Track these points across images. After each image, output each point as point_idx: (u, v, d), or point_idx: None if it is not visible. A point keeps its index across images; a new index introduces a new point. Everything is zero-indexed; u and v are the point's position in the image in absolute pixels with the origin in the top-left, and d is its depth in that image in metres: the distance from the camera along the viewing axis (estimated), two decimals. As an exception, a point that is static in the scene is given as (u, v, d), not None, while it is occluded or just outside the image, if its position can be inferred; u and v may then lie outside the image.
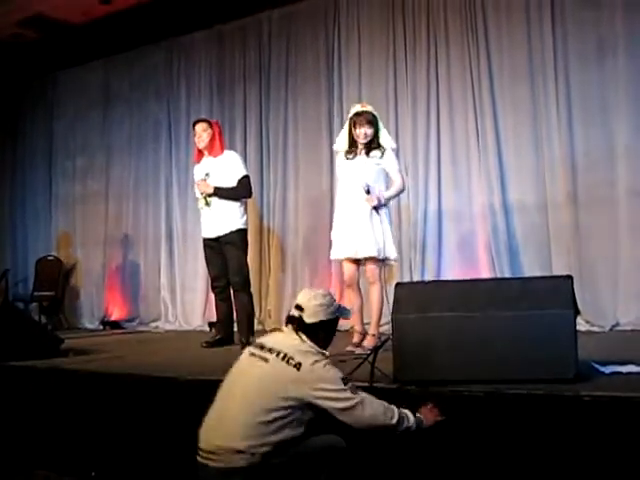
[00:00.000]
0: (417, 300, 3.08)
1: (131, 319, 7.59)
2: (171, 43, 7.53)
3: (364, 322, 4.37)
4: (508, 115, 5.57)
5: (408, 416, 2.47)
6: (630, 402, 2.52)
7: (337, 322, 2.67)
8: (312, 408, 2.40)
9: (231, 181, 4.96)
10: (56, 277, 7.85)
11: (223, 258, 4.99)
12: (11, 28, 7.55)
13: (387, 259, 4.29)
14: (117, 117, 7.96)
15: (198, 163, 5.16)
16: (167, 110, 7.53)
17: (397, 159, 4.47)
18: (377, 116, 4.34)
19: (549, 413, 2.63)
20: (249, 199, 5.28)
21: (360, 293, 4.36)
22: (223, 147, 5.12)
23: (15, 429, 4.13)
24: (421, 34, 5.99)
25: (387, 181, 4.37)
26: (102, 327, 7.72)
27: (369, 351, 3.36)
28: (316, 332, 2.55)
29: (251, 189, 5.14)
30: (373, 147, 4.28)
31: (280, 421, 2.35)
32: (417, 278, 5.71)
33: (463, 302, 2.99)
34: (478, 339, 2.88)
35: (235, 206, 4.97)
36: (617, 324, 5.00)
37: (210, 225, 5.01)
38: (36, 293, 7.87)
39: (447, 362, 2.90)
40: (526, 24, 5.48)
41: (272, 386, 2.38)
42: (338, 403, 2.37)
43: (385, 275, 4.40)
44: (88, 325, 7.86)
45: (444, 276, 5.64)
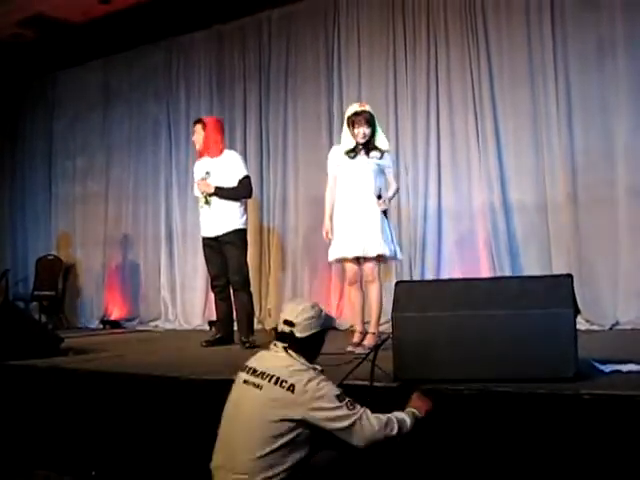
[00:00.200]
0: (417, 299, 3.08)
1: (131, 318, 7.60)
2: (170, 43, 7.53)
3: (364, 321, 4.36)
4: (508, 115, 5.57)
5: (405, 420, 2.45)
6: (630, 401, 2.52)
7: (327, 332, 2.65)
8: (313, 426, 2.38)
9: (232, 181, 4.96)
10: (56, 276, 7.85)
11: (223, 257, 4.99)
12: (11, 28, 7.57)
13: (396, 257, 4.34)
14: (117, 117, 7.96)
15: (199, 160, 5.15)
16: (167, 110, 7.53)
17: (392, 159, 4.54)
18: (374, 116, 4.34)
19: (549, 412, 2.63)
20: (249, 199, 5.28)
21: (362, 291, 4.36)
22: (220, 146, 5.07)
23: (15, 428, 4.13)
24: (421, 34, 5.99)
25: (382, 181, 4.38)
26: (102, 326, 7.73)
27: (369, 350, 3.36)
28: (307, 345, 2.51)
29: (252, 189, 5.14)
30: (372, 147, 4.28)
31: (288, 446, 2.34)
32: (417, 277, 5.72)
33: (463, 301, 2.98)
34: (478, 338, 2.88)
35: (235, 206, 4.97)
36: (617, 323, 5.00)
37: (209, 224, 5.01)
38: (36, 292, 7.88)
39: (447, 361, 2.90)
40: (526, 25, 5.48)
41: (270, 413, 2.34)
42: (336, 423, 2.34)
43: (381, 273, 4.42)
44: (88, 324, 7.86)
45: (444, 275, 5.64)
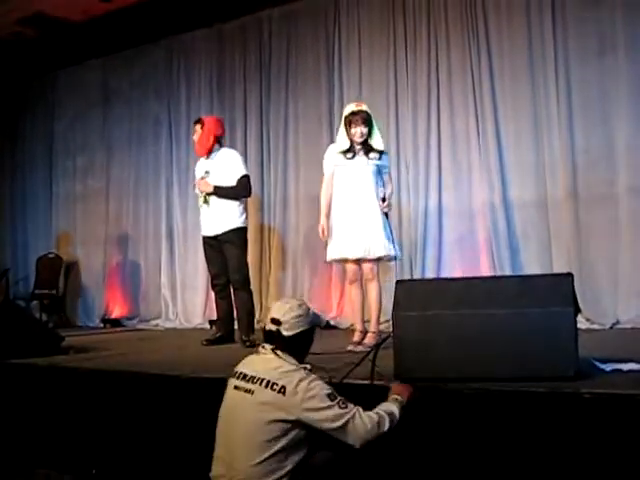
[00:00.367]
0: (418, 298, 3.08)
1: (132, 317, 7.60)
2: (171, 42, 7.52)
3: (364, 320, 4.37)
4: (509, 113, 5.56)
5: (394, 413, 2.46)
6: (630, 400, 2.52)
7: (315, 330, 2.64)
8: (308, 427, 2.39)
9: (231, 180, 4.96)
10: (57, 275, 7.86)
11: (223, 256, 4.99)
12: (11, 27, 7.55)
13: (396, 258, 4.37)
14: (117, 116, 7.95)
15: (201, 157, 5.15)
16: (167, 109, 7.52)
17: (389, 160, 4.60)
18: (372, 115, 4.33)
19: (550, 410, 2.64)
20: (248, 198, 5.27)
21: (362, 290, 4.36)
22: (208, 145, 5.00)
23: (16, 427, 4.13)
24: (422, 35, 5.98)
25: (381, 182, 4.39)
26: (102, 325, 7.72)
27: (369, 349, 3.36)
28: (295, 344, 2.52)
29: (250, 189, 5.13)
30: (369, 147, 4.28)
31: (286, 449, 2.35)
32: (417, 276, 5.71)
33: (463, 300, 2.98)
34: (479, 336, 2.87)
35: (234, 205, 4.96)
36: (617, 322, 5.00)
37: (209, 223, 5.01)
38: (37, 291, 7.88)
39: (447, 359, 2.90)
40: (526, 24, 5.47)
41: (265, 417, 2.35)
42: (330, 423, 2.35)
43: (380, 272, 4.43)
44: (89, 323, 7.86)
45: (444, 274, 5.64)
